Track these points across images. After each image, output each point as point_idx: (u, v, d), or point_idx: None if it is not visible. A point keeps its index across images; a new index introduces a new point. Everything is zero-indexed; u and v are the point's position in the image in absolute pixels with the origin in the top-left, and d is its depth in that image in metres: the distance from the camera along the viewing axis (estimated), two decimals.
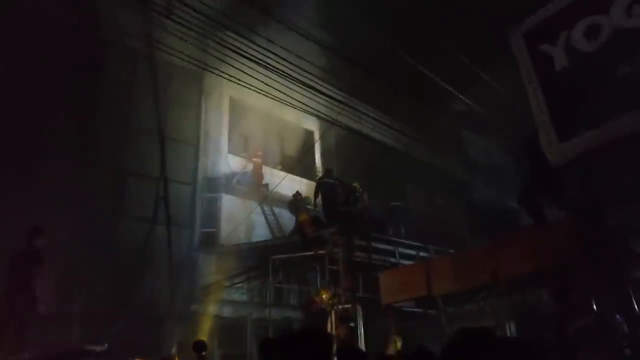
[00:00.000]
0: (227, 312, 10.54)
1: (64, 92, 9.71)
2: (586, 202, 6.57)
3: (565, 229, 6.42)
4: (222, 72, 8.45)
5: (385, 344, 7.82)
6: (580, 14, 6.30)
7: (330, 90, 9.85)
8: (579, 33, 6.30)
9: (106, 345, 6.57)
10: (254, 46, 8.11)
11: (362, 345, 8.12)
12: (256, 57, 8.04)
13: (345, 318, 8.25)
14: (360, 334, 8.38)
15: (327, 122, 10.93)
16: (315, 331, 2.63)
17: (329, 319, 8.15)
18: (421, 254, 10.08)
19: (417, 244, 10.22)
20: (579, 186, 6.82)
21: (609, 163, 6.63)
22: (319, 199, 10.79)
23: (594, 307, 5.87)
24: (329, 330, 7.91)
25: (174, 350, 8.24)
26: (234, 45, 7.90)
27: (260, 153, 13.45)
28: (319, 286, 9.27)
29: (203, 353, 7.17)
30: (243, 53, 7.94)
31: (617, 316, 5.76)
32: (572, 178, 6.77)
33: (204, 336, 9.02)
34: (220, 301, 10.41)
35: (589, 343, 5.06)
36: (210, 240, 11.71)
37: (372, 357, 5.81)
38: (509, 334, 9.10)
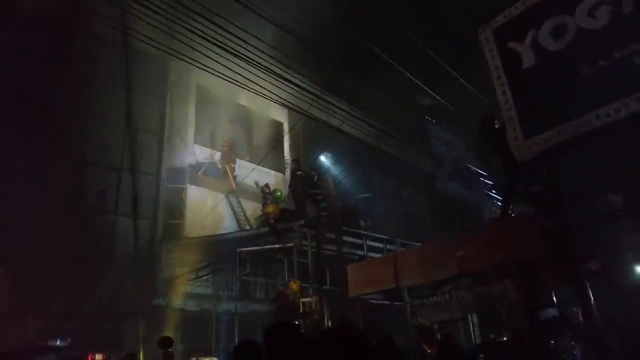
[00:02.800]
0: (191, 305, 10.32)
1: (24, 78, 9.20)
2: (548, 197, 6.76)
3: (529, 223, 6.57)
4: (190, 58, 8.18)
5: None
6: (548, 13, 6.42)
7: (301, 81, 9.73)
8: (545, 32, 6.44)
9: (68, 340, 6.36)
10: (224, 33, 7.88)
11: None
12: (225, 45, 7.83)
13: (311, 311, 8.24)
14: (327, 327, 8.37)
15: (297, 112, 10.81)
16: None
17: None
18: (388, 246, 10.17)
19: (384, 236, 10.29)
20: (542, 181, 7.00)
21: (571, 159, 6.86)
22: (290, 191, 10.72)
23: (554, 300, 6.08)
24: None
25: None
26: (202, 32, 7.66)
27: (228, 144, 13.17)
28: (286, 279, 9.20)
29: (169, 349, 7.02)
30: (212, 40, 7.70)
31: (574, 308, 5.99)
32: (537, 173, 6.95)
33: (167, 331, 8.82)
34: (184, 294, 10.18)
35: (555, 334, 5.24)
36: (174, 232, 11.40)
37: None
38: (471, 326, 9.36)
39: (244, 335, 7.65)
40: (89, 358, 6.89)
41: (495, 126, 7.05)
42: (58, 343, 6.39)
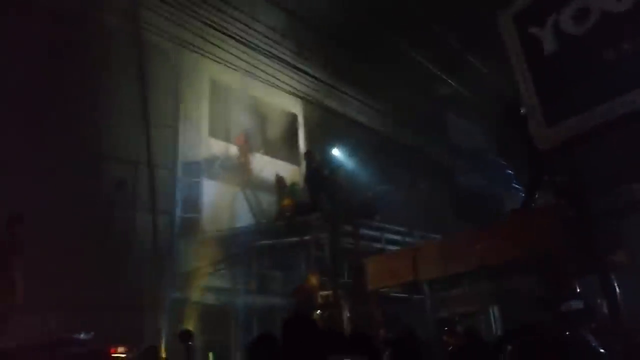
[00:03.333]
0: (210, 299, 10.39)
1: (39, 72, 9.28)
2: (572, 187, 6.59)
3: (551, 214, 6.44)
4: (202, 50, 8.14)
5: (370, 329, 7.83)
6: None
7: (315, 71, 9.61)
8: (567, 16, 6.21)
9: (91, 333, 6.44)
10: (237, 23, 7.81)
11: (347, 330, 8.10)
12: (238, 35, 7.76)
13: (329, 304, 8.23)
14: (346, 320, 8.36)
15: (311, 104, 10.74)
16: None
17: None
18: (407, 239, 10.08)
19: (402, 229, 10.20)
20: (566, 171, 6.83)
21: (595, 148, 6.66)
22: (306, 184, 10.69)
23: (578, 292, 5.93)
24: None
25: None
26: (215, 22, 7.59)
27: (244, 137, 13.13)
28: (304, 273, 9.19)
29: (189, 343, 7.07)
30: (224, 30, 7.64)
31: (599, 301, 5.83)
32: (559, 163, 6.78)
33: (187, 324, 8.90)
34: (203, 288, 10.25)
35: (579, 326, 5.10)
36: (191, 227, 11.44)
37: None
38: (493, 319, 9.22)
39: (264, 328, 7.68)
40: (112, 351, 6.99)
41: (521, 112, 6.84)
42: (82, 336, 6.47)
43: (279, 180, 12.30)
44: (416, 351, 3.69)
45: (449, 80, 12.50)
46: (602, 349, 4.96)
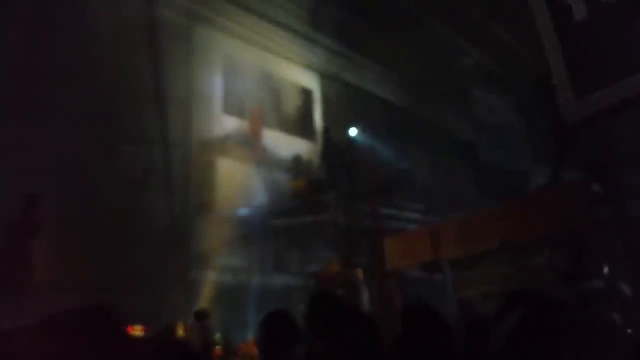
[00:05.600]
0: (226, 278, 10.41)
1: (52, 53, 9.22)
2: (599, 162, 6.30)
3: (578, 190, 6.19)
4: (216, 24, 7.90)
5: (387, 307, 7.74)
6: None
7: (332, 43, 9.26)
8: None
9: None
10: None
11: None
12: (252, 7, 7.49)
13: (348, 284, 8.13)
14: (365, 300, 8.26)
15: (328, 78, 10.42)
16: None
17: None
18: (426, 218, 9.87)
19: (422, 208, 9.99)
20: (594, 145, 6.53)
21: (624, 121, 6.31)
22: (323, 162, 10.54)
23: (604, 271, 5.67)
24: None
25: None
26: None
27: (258, 113, 12.90)
28: (320, 252, 9.13)
29: (206, 321, 7.10)
30: (238, 2, 7.38)
31: (624, 283, 5.56)
32: (588, 137, 6.48)
33: (203, 303, 8.95)
34: (219, 267, 10.27)
35: (603, 307, 4.86)
36: (206, 206, 11.40)
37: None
38: None
39: (280, 306, 7.62)
40: (129, 330, 7.07)
41: (551, 83, 6.48)
42: None
43: (295, 157, 12.13)
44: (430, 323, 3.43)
45: (473, 51, 11.97)
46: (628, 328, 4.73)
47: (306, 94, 14.59)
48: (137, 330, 7.19)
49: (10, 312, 6.12)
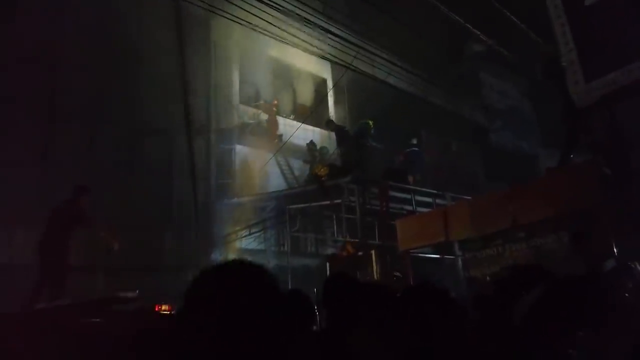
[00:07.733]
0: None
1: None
2: (609, 144, 6.39)
3: (588, 172, 6.26)
4: (231, 14, 8.07)
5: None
6: None
7: (344, 32, 9.40)
8: None
9: (137, 292, 6.78)
10: None
11: None
12: None
13: (360, 266, 8.35)
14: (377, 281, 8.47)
15: (340, 66, 10.55)
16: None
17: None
18: (437, 201, 10.03)
19: (433, 191, 10.15)
20: (603, 128, 6.61)
21: (634, 104, 6.39)
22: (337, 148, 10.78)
23: (615, 252, 5.80)
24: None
25: None
26: None
27: (275, 102, 13.22)
28: (335, 235, 9.34)
29: None
30: None
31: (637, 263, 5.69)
32: (597, 119, 6.56)
33: None
34: (238, 250, 10.61)
35: (615, 287, 5.02)
36: (225, 192, 11.76)
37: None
38: None
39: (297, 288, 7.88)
40: (156, 308, 7.37)
41: (563, 64, 6.53)
42: (128, 295, 6.81)
43: (310, 144, 12.41)
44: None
45: (482, 37, 12.01)
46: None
47: (320, 82, 14.81)
48: (164, 309, 7.49)
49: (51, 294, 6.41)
